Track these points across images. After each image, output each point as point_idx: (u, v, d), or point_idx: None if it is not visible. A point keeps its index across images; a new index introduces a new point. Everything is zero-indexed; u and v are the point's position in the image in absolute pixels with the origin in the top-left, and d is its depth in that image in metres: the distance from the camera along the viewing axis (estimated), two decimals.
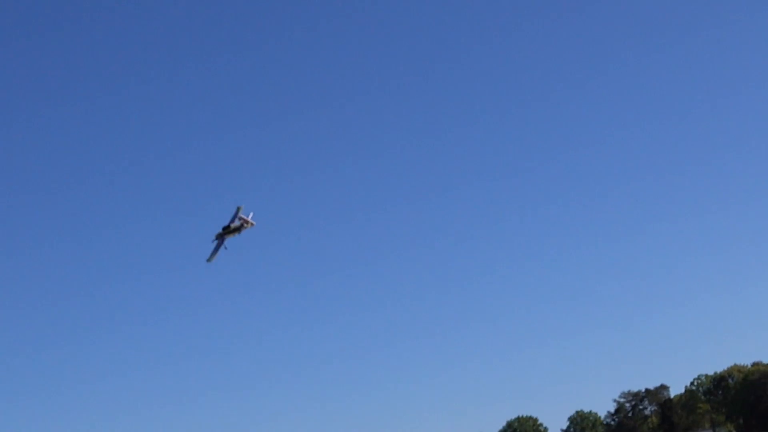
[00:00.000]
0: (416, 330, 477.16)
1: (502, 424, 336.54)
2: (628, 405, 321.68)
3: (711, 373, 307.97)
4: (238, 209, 70.17)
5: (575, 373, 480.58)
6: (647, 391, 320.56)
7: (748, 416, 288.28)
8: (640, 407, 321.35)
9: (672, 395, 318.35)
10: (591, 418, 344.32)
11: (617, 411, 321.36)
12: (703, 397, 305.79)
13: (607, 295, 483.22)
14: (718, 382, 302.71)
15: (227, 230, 73.83)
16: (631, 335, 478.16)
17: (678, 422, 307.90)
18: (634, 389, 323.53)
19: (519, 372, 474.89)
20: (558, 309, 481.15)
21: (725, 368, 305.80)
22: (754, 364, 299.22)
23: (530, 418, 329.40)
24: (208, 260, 66.46)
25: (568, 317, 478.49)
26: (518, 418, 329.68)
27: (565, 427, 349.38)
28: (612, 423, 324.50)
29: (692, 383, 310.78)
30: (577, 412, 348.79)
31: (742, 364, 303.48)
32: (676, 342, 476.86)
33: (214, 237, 67.09)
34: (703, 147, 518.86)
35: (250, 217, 71.87)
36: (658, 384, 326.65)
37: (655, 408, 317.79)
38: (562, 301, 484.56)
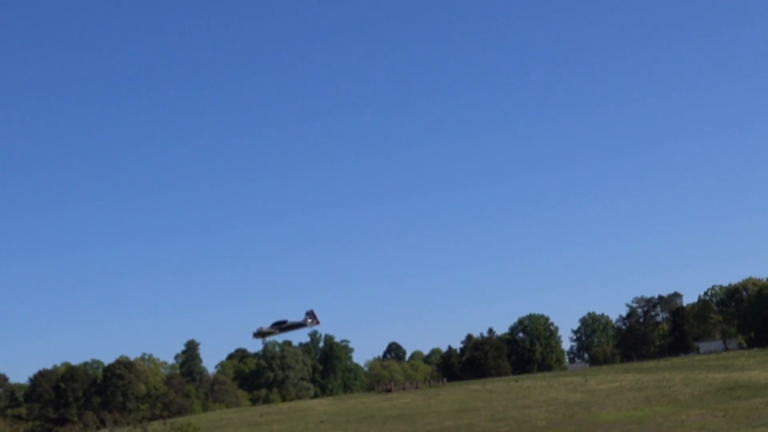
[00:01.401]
0: (433, 223, 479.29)
1: (514, 321, 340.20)
2: (640, 310, 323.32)
3: (725, 284, 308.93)
4: (310, 314, 58.35)
5: (590, 276, 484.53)
6: (660, 298, 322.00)
7: (760, 329, 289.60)
8: (652, 313, 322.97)
9: (685, 304, 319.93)
10: (602, 321, 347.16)
11: (629, 316, 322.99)
12: (715, 308, 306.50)
13: (628, 201, 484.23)
14: (732, 293, 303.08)
15: (285, 326, 64.51)
16: (648, 242, 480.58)
17: (689, 330, 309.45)
18: (648, 295, 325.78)
19: (534, 271, 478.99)
20: (578, 210, 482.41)
21: (740, 280, 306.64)
22: None
23: (542, 316, 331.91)
24: (255, 336, 57.17)
25: (587, 218, 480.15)
26: (530, 316, 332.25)
27: (575, 328, 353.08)
28: (623, 327, 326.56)
29: (706, 293, 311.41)
30: (588, 314, 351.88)
31: (757, 277, 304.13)
32: (692, 252, 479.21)
33: (269, 327, 57.24)
34: None
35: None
36: (671, 292, 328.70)
37: (667, 315, 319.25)
38: (583, 203, 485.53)
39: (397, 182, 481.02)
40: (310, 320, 50.97)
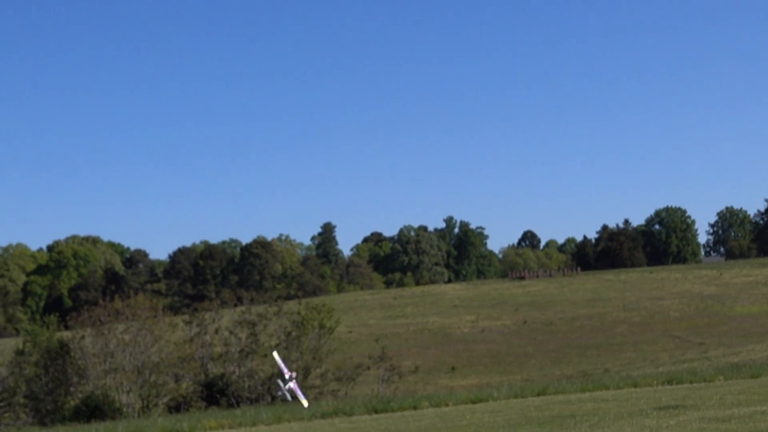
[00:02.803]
0: (572, 108, 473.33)
1: (651, 213, 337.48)
2: None
3: None
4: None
5: (729, 169, 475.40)
6: None
7: None
8: None
9: None
10: (740, 215, 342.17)
11: (767, 211, 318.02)
12: None
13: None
14: None
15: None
16: None
17: None
18: None
19: (672, 163, 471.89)
20: (719, 101, 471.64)
21: None
22: None
23: (679, 209, 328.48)
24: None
25: (728, 110, 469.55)
26: (667, 209, 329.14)
27: (712, 222, 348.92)
28: (760, 222, 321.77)
29: None
30: (726, 208, 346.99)
31: None
32: None
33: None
34: None
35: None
36: None
37: None
38: (726, 94, 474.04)
39: (536, 70, 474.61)
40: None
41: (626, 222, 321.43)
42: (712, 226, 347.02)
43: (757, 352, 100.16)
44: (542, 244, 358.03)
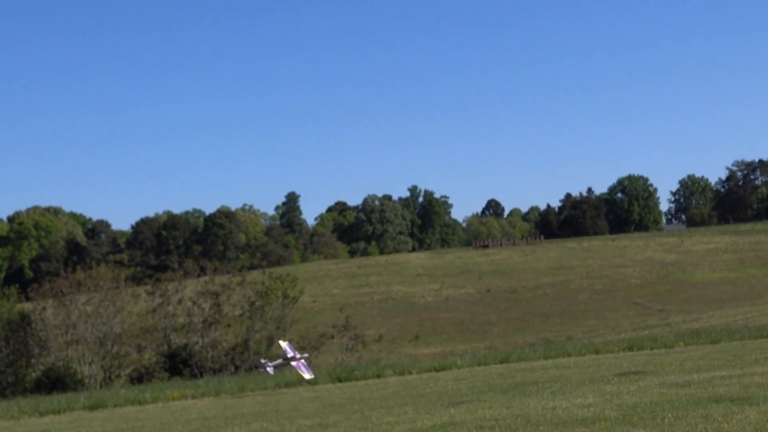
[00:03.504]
0: (535, 78, 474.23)
1: (613, 181, 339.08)
2: (739, 174, 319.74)
3: None
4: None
5: (691, 138, 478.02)
6: (760, 161, 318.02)
7: None
8: (752, 177, 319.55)
9: None
10: (701, 183, 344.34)
11: (728, 179, 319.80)
12: None
13: (733, 61, 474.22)
14: None
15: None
16: (749, 104, 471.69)
17: None
18: (748, 159, 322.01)
19: (635, 132, 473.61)
20: (683, 70, 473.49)
21: None
22: None
23: (641, 177, 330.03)
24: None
25: (691, 79, 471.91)
26: (629, 177, 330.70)
27: (674, 190, 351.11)
28: (721, 190, 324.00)
29: None
30: (688, 176, 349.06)
31: None
32: None
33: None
34: None
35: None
36: None
37: (767, 179, 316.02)
38: (689, 63, 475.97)
39: (498, 40, 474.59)
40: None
41: (589, 190, 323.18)
42: (673, 194, 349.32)
43: (716, 319, 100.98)
44: (506, 212, 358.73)
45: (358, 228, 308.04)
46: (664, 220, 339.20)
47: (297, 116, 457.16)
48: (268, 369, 43.30)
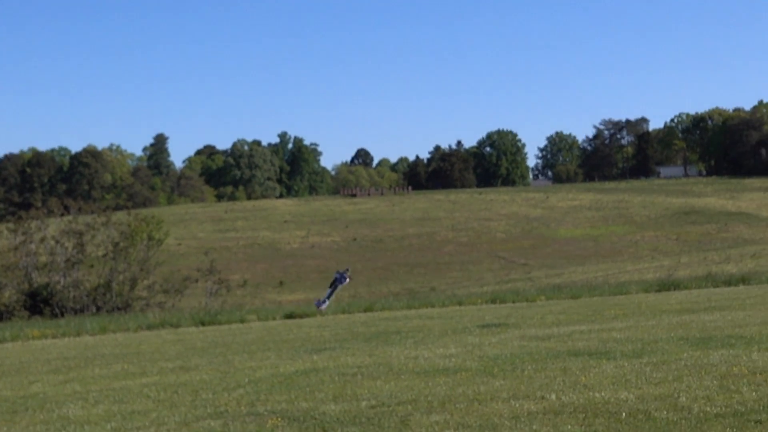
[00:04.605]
0: (409, 25, 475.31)
1: (483, 135, 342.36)
2: (606, 132, 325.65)
3: (692, 113, 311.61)
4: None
5: (560, 96, 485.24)
6: (627, 121, 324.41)
7: (720, 159, 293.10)
8: (618, 136, 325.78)
9: (651, 129, 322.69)
10: (569, 140, 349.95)
11: (595, 137, 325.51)
12: (680, 135, 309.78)
13: (605, 21, 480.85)
14: (698, 122, 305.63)
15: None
16: (619, 64, 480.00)
17: (652, 155, 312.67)
18: (616, 118, 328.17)
19: (505, 86, 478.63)
20: (555, 26, 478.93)
21: (706, 110, 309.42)
22: (735, 110, 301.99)
23: (510, 132, 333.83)
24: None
25: (562, 36, 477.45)
26: (498, 132, 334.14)
27: (542, 146, 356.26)
28: (588, 148, 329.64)
29: (672, 120, 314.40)
30: (556, 132, 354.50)
31: (723, 107, 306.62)
32: (661, 78, 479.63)
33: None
34: None
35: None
36: (639, 116, 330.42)
37: (633, 139, 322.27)
38: (558, 19, 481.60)
39: None
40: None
41: (458, 143, 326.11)
42: (541, 150, 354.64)
43: (578, 274, 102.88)
44: (375, 162, 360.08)
45: (226, 172, 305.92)
46: (531, 176, 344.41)
47: (168, 56, 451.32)
48: (323, 307, 42.78)
